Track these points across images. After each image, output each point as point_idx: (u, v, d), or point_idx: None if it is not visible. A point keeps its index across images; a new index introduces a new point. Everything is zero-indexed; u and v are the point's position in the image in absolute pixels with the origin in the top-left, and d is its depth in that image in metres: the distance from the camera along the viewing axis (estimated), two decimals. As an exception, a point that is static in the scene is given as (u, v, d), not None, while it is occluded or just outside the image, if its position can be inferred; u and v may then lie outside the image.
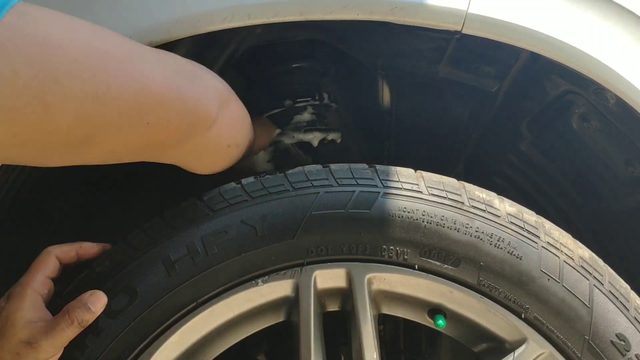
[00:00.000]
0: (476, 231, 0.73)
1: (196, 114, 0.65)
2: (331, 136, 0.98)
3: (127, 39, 0.60)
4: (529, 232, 0.74)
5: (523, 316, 0.74)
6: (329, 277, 0.75)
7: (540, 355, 0.74)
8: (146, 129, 0.59)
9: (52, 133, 0.51)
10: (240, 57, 0.90)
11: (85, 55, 0.51)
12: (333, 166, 0.76)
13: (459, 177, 0.79)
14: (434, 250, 0.73)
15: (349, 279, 0.75)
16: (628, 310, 0.75)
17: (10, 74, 0.46)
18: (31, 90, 0.47)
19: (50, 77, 0.48)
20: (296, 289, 0.74)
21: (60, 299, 0.71)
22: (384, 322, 1.14)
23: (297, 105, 0.96)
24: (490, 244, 0.73)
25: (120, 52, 0.56)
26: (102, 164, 0.64)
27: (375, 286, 0.76)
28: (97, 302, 0.68)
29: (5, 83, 0.46)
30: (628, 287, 0.77)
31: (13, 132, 0.49)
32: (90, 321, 0.68)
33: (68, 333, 0.66)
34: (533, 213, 0.78)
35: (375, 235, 0.73)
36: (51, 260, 0.72)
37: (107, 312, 0.70)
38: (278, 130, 0.96)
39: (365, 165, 0.77)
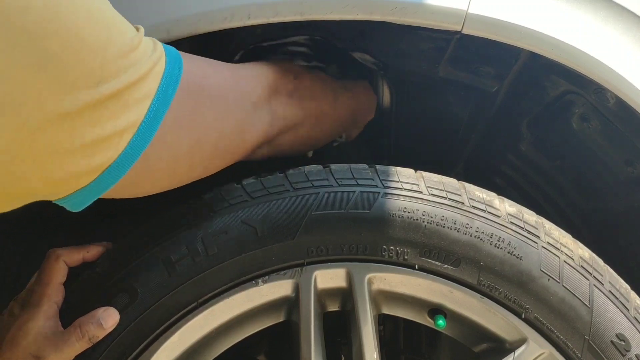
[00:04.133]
0: (476, 231, 0.73)
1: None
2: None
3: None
4: (529, 232, 0.74)
5: (523, 316, 0.74)
6: (329, 277, 0.75)
7: (540, 355, 0.74)
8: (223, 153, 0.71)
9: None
10: (240, 57, 0.90)
11: (220, 119, 0.68)
12: (333, 166, 0.76)
13: (459, 177, 0.79)
14: (434, 250, 0.73)
15: (349, 279, 0.75)
16: (628, 310, 0.75)
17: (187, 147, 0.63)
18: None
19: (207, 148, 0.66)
20: (296, 289, 0.74)
21: (65, 303, 0.71)
22: (384, 322, 1.14)
23: None
24: (491, 244, 0.73)
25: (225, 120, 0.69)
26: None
27: (376, 286, 0.76)
28: (109, 319, 0.68)
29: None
30: (628, 287, 0.77)
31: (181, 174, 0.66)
32: (101, 337, 0.68)
33: (77, 347, 0.66)
34: (533, 213, 0.78)
35: (375, 235, 0.73)
36: (61, 266, 0.72)
37: (108, 312, 0.70)
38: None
39: (365, 166, 0.77)
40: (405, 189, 0.74)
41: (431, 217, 0.73)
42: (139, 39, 0.54)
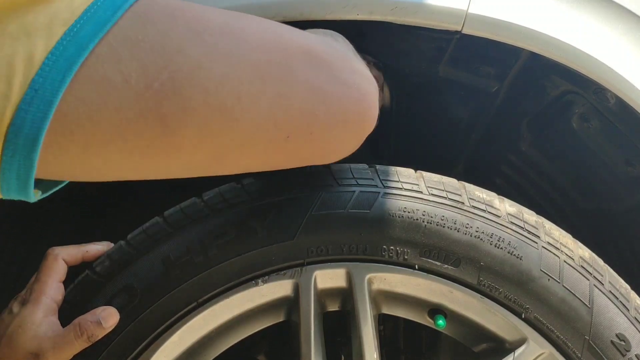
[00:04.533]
0: (476, 231, 0.73)
1: (346, 123, 0.56)
2: None
3: (270, 32, 0.50)
4: (529, 232, 0.74)
5: (523, 316, 0.74)
6: (329, 277, 0.75)
7: (540, 355, 0.74)
8: (286, 144, 0.51)
9: (172, 151, 0.45)
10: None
11: (209, 59, 0.44)
12: (333, 166, 0.76)
13: (459, 177, 0.79)
14: (434, 250, 0.73)
15: (349, 279, 0.75)
16: (628, 310, 0.75)
17: (121, 82, 0.41)
18: (145, 100, 0.42)
19: (167, 85, 0.42)
20: (296, 289, 0.74)
21: (64, 303, 0.71)
22: (384, 322, 1.14)
23: None
24: (491, 244, 0.73)
25: (255, 54, 0.47)
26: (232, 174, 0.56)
27: (376, 286, 0.76)
28: (109, 318, 0.68)
29: (116, 92, 0.41)
30: (628, 287, 0.77)
31: (128, 148, 0.43)
32: (100, 337, 0.68)
33: (76, 346, 0.66)
34: (533, 213, 0.78)
35: (375, 235, 0.73)
36: (61, 265, 0.72)
37: (107, 312, 0.70)
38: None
39: (365, 165, 0.77)
40: (405, 189, 0.74)
41: (431, 217, 0.73)
42: None
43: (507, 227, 0.74)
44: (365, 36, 0.88)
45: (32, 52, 0.38)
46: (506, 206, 0.76)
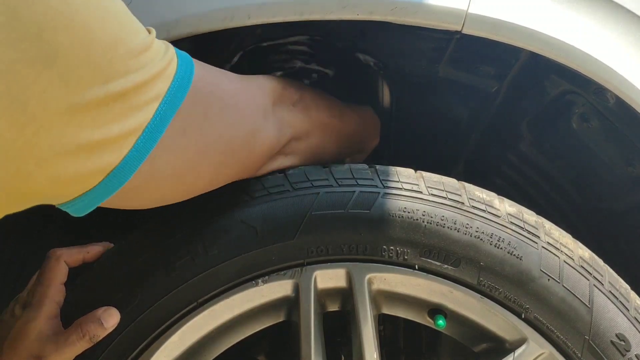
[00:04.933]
0: (476, 231, 0.73)
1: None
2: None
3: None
4: (529, 232, 0.74)
5: (523, 316, 0.74)
6: (329, 277, 0.75)
7: (540, 355, 0.74)
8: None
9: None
10: (240, 57, 0.90)
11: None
12: (333, 166, 0.76)
13: (459, 177, 0.79)
14: (434, 250, 0.73)
15: (349, 279, 0.75)
16: (628, 310, 0.75)
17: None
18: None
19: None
20: (296, 289, 0.74)
21: (65, 304, 0.71)
22: (384, 322, 1.14)
23: None
24: (491, 244, 0.73)
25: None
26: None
27: (376, 286, 0.76)
28: (110, 318, 0.68)
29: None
30: (628, 287, 0.77)
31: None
32: (101, 337, 0.68)
33: (77, 347, 0.66)
34: (533, 213, 0.78)
35: (375, 236, 0.73)
36: (62, 267, 0.72)
37: (107, 312, 0.70)
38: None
39: (365, 166, 0.77)
40: (405, 189, 0.74)
41: (431, 217, 0.73)
42: (150, 40, 0.53)
43: (507, 227, 0.74)
44: (365, 36, 0.88)
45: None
46: (506, 206, 0.76)
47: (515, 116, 0.99)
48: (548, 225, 0.77)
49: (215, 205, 0.73)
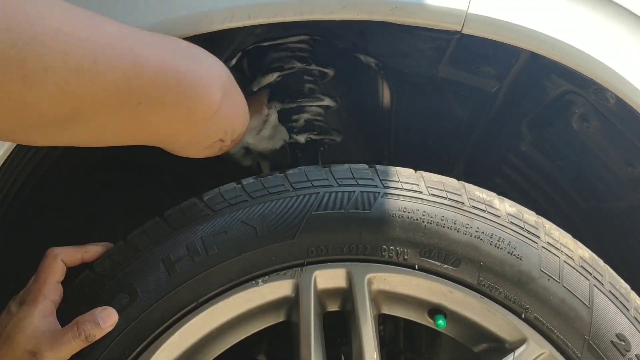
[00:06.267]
0: (476, 231, 0.73)
1: (197, 99, 0.61)
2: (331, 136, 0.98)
3: (120, 23, 0.57)
4: (529, 232, 0.74)
5: (523, 316, 0.74)
6: (329, 277, 0.75)
7: (540, 355, 0.74)
8: (137, 110, 0.56)
9: (32, 106, 0.49)
10: (240, 57, 0.90)
11: (69, 25, 0.50)
12: (333, 166, 0.76)
13: (459, 177, 0.79)
14: (434, 250, 0.73)
15: (349, 279, 0.75)
16: (628, 310, 0.75)
17: None
18: (9, 57, 0.46)
19: (30, 45, 0.46)
20: (296, 289, 0.74)
21: (63, 303, 0.71)
22: (384, 322, 1.15)
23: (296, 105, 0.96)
24: (491, 244, 0.73)
25: (110, 27, 0.54)
26: (90, 146, 0.61)
27: (376, 286, 0.76)
28: (108, 319, 0.68)
29: None
30: (628, 287, 0.78)
31: None
32: (98, 337, 0.67)
33: (74, 345, 0.66)
34: (533, 213, 0.78)
35: (375, 236, 0.73)
36: (59, 265, 0.71)
37: (107, 312, 0.70)
38: (268, 111, 0.94)
39: (365, 166, 0.77)
40: (405, 189, 0.74)
41: (431, 217, 0.73)
42: None
43: (507, 227, 0.74)
44: (365, 36, 0.88)
45: None
46: (506, 206, 0.76)
47: (515, 116, 0.99)
48: (548, 225, 0.77)
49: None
